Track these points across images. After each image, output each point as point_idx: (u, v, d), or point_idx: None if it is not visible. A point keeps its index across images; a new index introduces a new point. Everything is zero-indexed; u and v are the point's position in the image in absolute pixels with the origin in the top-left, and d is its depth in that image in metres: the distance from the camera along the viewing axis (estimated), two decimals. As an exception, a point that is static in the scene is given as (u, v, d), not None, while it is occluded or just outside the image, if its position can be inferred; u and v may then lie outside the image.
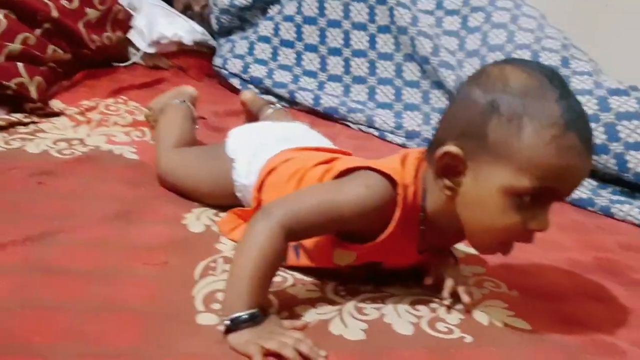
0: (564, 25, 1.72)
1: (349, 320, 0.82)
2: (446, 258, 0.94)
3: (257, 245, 0.77)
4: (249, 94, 1.54)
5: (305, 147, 1.04)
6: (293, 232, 0.79)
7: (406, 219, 0.82)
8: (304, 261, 0.91)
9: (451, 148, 0.76)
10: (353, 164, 0.86)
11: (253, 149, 1.05)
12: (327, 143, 1.15)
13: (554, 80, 0.74)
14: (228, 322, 0.74)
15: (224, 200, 1.07)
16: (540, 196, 0.74)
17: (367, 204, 0.80)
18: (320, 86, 1.90)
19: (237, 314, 0.74)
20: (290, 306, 0.83)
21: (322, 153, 1.02)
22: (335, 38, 1.91)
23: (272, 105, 1.49)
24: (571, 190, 0.77)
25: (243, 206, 1.04)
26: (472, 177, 0.76)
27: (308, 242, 0.89)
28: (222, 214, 1.07)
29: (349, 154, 1.07)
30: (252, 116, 1.50)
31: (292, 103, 1.86)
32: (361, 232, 0.84)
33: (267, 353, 0.72)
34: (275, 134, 1.10)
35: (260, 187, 0.99)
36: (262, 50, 1.97)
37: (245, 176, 1.03)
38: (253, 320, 0.74)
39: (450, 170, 0.77)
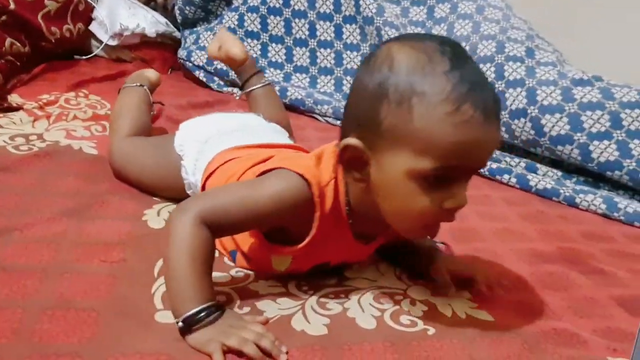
0: (542, 19, 1.73)
1: (311, 315, 0.81)
2: (434, 252, 0.95)
3: (181, 239, 0.75)
4: (241, 53, 1.31)
5: (248, 145, 1.01)
6: (212, 224, 0.76)
7: (333, 216, 0.81)
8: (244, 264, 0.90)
9: (350, 141, 0.74)
10: (272, 164, 0.83)
11: (199, 146, 1.03)
12: (280, 136, 1.13)
13: (445, 51, 0.70)
14: (181, 324, 0.72)
15: (176, 194, 1.05)
16: (449, 174, 0.71)
17: (280, 202, 0.78)
18: (287, 78, 1.88)
19: (187, 313, 0.72)
20: (251, 302, 0.82)
21: (264, 150, 0.98)
22: (300, 29, 1.89)
23: (263, 77, 1.35)
24: (481, 163, 0.75)
25: None
26: (377, 166, 0.74)
27: (246, 250, 0.88)
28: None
29: (298, 148, 1.04)
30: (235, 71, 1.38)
31: (258, 95, 1.84)
32: (290, 233, 0.82)
33: (228, 350, 0.70)
34: (223, 129, 1.07)
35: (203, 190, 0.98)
36: (227, 42, 1.94)
37: (192, 173, 1.01)
38: (208, 316, 0.73)
39: (355, 162, 0.75)
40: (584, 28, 1.77)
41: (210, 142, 1.03)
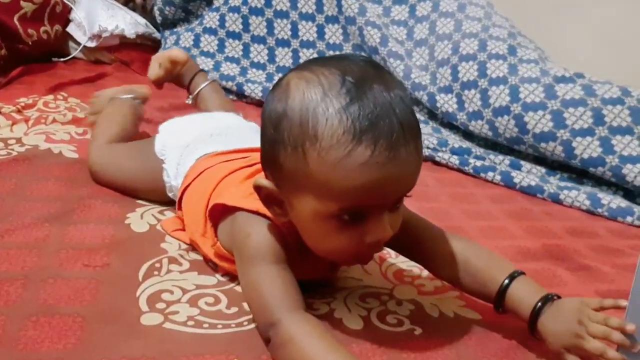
0: (523, 16, 1.74)
1: (298, 316, 0.80)
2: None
3: (302, 342, 0.67)
4: (183, 55, 1.36)
5: (227, 151, 0.98)
6: (294, 303, 0.72)
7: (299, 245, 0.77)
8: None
9: (261, 181, 0.73)
10: (226, 200, 0.81)
11: (180, 150, 1.01)
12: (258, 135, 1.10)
13: (346, 81, 0.66)
14: None
15: (157, 197, 1.05)
16: (360, 212, 0.68)
17: (270, 250, 0.75)
18: (269, 78, 1.87)
19: None
20: (238, 302, 0.81)
21: (241, 157, 0.95)
22: (283, 29, 1.88)
23: (206, 76, 1.38)
24: (392, 198, 0.69)
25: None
26: (289, 205, 0.72)
27: (227, 266, 0.86)
28: (168, 212, 1.04)
29: None
30: (175, 80, 1.38)
31: (240, 96, 1.83)
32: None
33: None
34: (204, 132, 1.04)
35: (179, 205, 0.97)
36: (208, 43, 1.93)
37: (174, 177, 1.00)
38: None
39: (272, 200, 0.73)
40: (564, 25, 1.79)
41: (191, 146, 1.01)
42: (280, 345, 0.68)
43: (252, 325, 0.77)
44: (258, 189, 0.73)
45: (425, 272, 0.93)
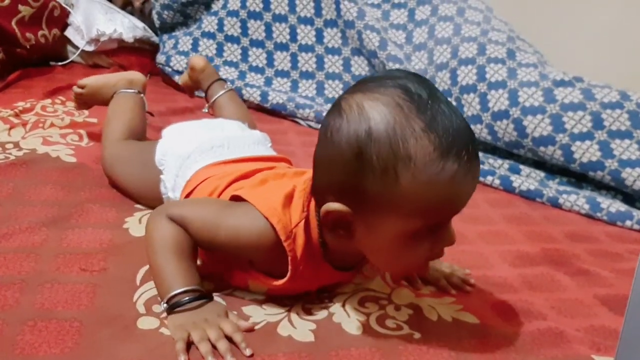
0: (511, 17, 1.74)
1: (297, 321, 0.80)
2: None
3: (159, 236, 0.79)
4: (201, 61, 1.37)
5: (228, 160, 0.99)
6: (188, 228, 0.80)
7: (308, 253, 0.79)
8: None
9: (333, 206, 0.71)
10: (244, 193, 0.82)
11: (180, 161, 1.00)
12: (262, 147, 1.09)
13: (420, 102, 0.68)
14: (165, 305, 0.75)
15: (156, 204, 1.04)
16: (436, 225, 0.71)
17: (236, 238, 0.79)
18: (268, 82, 1.87)
19: (171, 293, 0.75)
20: (237, 307, 0.81)
21: (244, 165, 0.97)
22: (281, 33, 1.88)
23: (224, 84, 1.37)
24: (464, 206, 0.73)
25: None
26: (364, 228, 0.72)
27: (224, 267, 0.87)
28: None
29: (281, 159, 1.03)
30: (199, 85, 1.39)
31: (238, 100, 1.82)
32: (265, 265, 0.82)
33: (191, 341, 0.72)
34: (205, 143, 1.02)
35: None
36: (207, 47, 1.93)
37: (172, 189, 1.00)
38: (191, 301, 0.75)
39: (339, 223, 0.73)
40: (563, 29, 1.79)
41: (192, 157, 1.00)
42: (148, 223, 0.82)
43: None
44: (327, 213, 0.72)
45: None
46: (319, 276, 0.84)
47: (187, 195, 0.95)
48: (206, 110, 1.37)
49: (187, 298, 0.75)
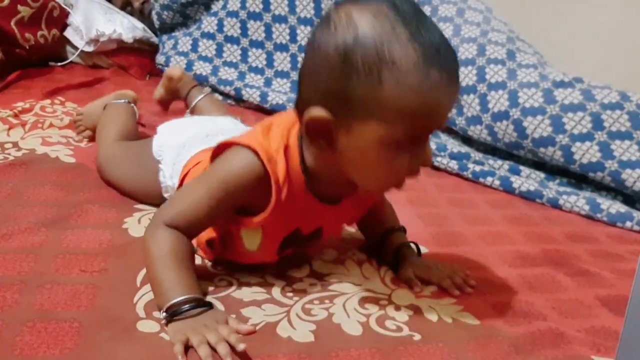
0: (511, 17, 1.74)
1: (296, 321, 0.80)
2: (409, 256, 0.96)
3: (156, 246, 0.79)
4: (178, 70, 1.46)
5: None
6: (183, 227, 0.80)
7: (290, 180, 0.80)
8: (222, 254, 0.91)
9: (317, 112, 0.73)
10: (220, 141, 0.84)
11: (177, 150, 1.03)
12: None
13: (405, 16, 0.71)
14: (164, 314, 0.75)
15: (153, 198, 1.05)
16: (417, 136, 0.73)
17: (233, 181, 0.79)
18: (267, 83, 1.87)
19: (170, 302, 0.75)
20: (236, 309, 0.81)
21: None
22: (281, 34, 1.88)
23: (202, 89, 1.44)
24: (445, 122, 0.76)
25: None
26: (346, 136, 0.74)
27: (216, 232, 0.88)
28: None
29: None
30: (174, 95, 1.47)
31: (238, 100, 1.83)
32: (257, 209, 0.82)
33: (191, 345, 0.72)
34: (200, 132, 1.06)
35: None
36: (207, 47, 1.93)
37: (170, 177, 1.01)
38: (190, 309, 0.75)
39: (322, 132, 0.74)
40: (563, 29, 1.79)
41: (188, 146, 1.02)
42: (145, 236, 0.81)
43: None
44: (310, 120, 0.74)
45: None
46: (304, 211, 0.84)
47: (183, 179, 0.97)
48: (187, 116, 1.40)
49: (186, 306, 0.75)
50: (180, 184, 0.97)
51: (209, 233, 0.89)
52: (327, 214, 0.87)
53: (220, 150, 0.83)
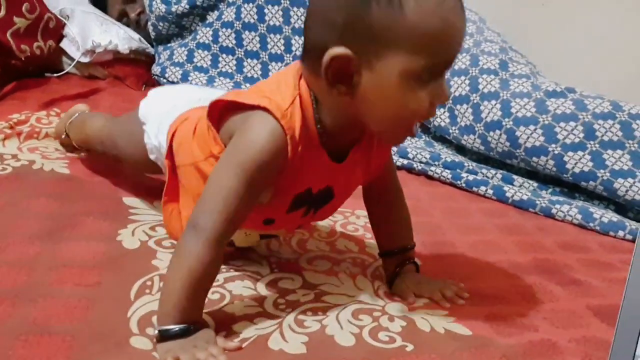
0: (504, 28, 1.76)
1: (288, 334, 0.80)
2: (407, 272, 0.96)
3: (186, 258, 0.75)
4: None
5: None
6: (228, 234, 0.78)
7: (303, 135, 0.77)
8: None
9: (338, 50, 0.71)
10: (225, 98, 0.81)
11: (165, 110, 0.99)
12: None
13: None
14: (157, 333, 0.74)
15: (142, 165, 1.06)
16: (436, 69, 0.73)
17: (268, 155, 0.75)
18: (262, 93, 1.88)
19: (166, 327, 0.74)
20: (227, 325, 0.81)
21: None
22: (276, 44, 1.89)
23: None
24: (458, 52, 0.75)
25: (160, 170, 1.01)
26: (368, 72, 0.72)
27: None
28: (159, 229, 1.04)
29: None
30: None
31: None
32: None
33: None
34: (192, 97, 1.01)
35: (169, 154, 0.94)
36: (202, 58, 1.94)
37: (155, 136, 0.98)
38: (183, 335, 0.74)
39: (342, 74, 0.72)
40: (555, 39, 1.80)
41: (176, 107, 0.98)
42: (183, 243, 0.76)
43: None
44: (331, 60, 0.71)
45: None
46: (315, 169, 0.81)
47: (172, 136, 0.92)
48: None
49: (177, 328, 0.74)
50: (171, 145, 0.93)
51: None
52: (336, 173, 0.85)
53: (224, 112, 0.80)
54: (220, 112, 0.82)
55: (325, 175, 0.84)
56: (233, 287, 0.89)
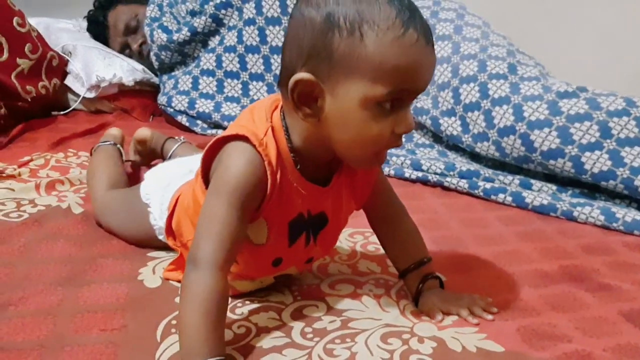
0: (509, 29, 1.75)
1: (319, 364, 0.79)
2: (431, 287, 0.95)
3: (195, 294, 0.76)
4: (146, 131, 1.48)
5: None
6: (229, 261, 0.79)
7: (281, 162, 0.81)
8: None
9: (302, 75, 0.75)
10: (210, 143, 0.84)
11: (162, 191, 1.04)
12: None
13: None
14: None
15: (154, 242, 1.06)
16: (398, 99, 0.75)
17: (249, 178, 0.78)
18: (270, 114, 1.87)
19: None
20: (257, 359, 0.80)
21: None
22: (279, 65, 1.88)
23: (175, 139, 1.47)
24: (425, 85, 0.78)
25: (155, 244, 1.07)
26: (330, 97, 0.76)
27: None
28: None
29: None
30: (154, 155, 1.48)
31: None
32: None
33: None
34: (183, 170, 1.06)
35: (169, 230, 0.98)
36: (207, 84, 1.93)
37: (160, 218, 1.02)
38: None
39: (307, 97, 0.77)
40: (563, 38, 1.79)
41: (172, 184, 1.03)
42: (187, 279, 0.77)
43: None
44: (295, 84, 0.76)
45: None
46: (299, 194, 0.84)
47: (171, 214, 0.97)
48: None
49: None
50: (169, 223, 0.98)
51: None
52: (324, 197, 0.87)
53: (210, 153, 0.83)
54: (210, 157, 0.84)
55: (313, 200, 0.87)
56: (258, 320, 0.89)
